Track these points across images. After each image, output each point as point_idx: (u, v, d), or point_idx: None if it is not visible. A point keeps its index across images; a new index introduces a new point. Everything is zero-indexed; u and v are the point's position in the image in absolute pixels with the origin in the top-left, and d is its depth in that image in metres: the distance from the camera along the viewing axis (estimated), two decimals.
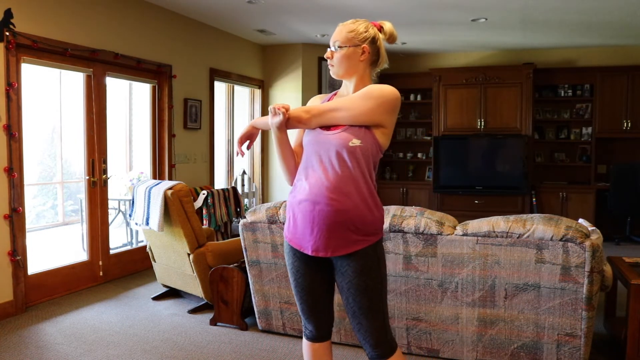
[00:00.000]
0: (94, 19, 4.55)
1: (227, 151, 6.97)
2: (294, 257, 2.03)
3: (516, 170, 7.11)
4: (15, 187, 3.86)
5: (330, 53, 2.00)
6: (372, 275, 1.93)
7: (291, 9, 5.43)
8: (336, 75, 2.03)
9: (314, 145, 1.97)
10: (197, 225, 3.88)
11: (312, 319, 2.07)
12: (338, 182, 1.89)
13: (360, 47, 1.96)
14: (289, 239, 2.03)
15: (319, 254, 1.93)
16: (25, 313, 3.91)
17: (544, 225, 2.72)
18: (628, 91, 6.85)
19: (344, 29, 1.98)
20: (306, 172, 1.98)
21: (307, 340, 2.12)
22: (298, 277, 2.03)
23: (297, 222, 1.97)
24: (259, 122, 2.10)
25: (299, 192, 1.98)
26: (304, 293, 2.04)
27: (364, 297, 1.92)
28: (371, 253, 1.94)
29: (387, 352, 1.96)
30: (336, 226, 1.89)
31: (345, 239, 1.90)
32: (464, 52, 7.79)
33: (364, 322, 1.94)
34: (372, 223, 1.93)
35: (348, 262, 1.92)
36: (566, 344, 2.76)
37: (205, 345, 3.32)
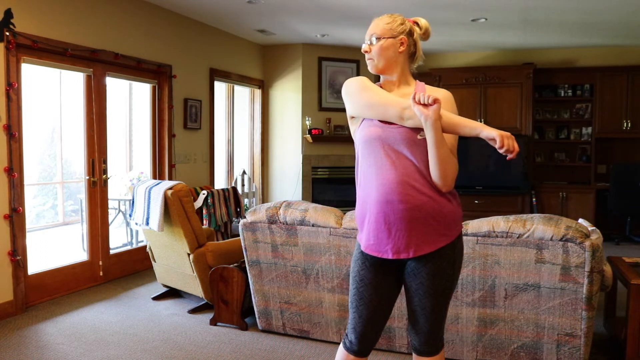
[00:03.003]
0: (94, 19, 4.55)
1: (227, 151, 6.98)
2: (362, 266, 1.93)
3: (516, 170, 7.11)
4: (15, 187, 3.86)
5: (367, 47, 1.93)
6: (444, 279, 1.86)
7: (291, 9, 5.43)
8: (376, 69, 1.94)
9: (378, 141, 1.85)
10: (197, 225, 3.88)
11: (360, 332, 1.94)
12: (408, 177, 1.80)
13: (398, 38, 1.91)
14: (364, 248, 1.91)
15: (401, 255, 1.83)
16: (25, 313, 3.91)
17: (544, 225, 2.72)
18: (628, 91, 6.85)
19: (380, 22, 1.93)
20: (369, 171, 1.87)
21: (344, 350, 1.99)
22: (361, 286, 1.92)
23: (371, 227, 1.87)
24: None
25: (367, 196, 1.88)
26: (362, 303, 1.92)
27: (430, 300, 1.86)
28: (449, 253, 1.86)
29: (432, 351, 1.94)
30: (415, 223, 1.80)
31: (426, 235, 1.82)
32: (464, 52, 7.79)
33: (422, 321, 1.90)
34: (451, 213, 1.86)
35: (424, 263, 1.85)
36: (566, 344, 2.76)
37: (205, 345, 3.32)
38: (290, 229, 3.20)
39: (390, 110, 1.81)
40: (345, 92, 1.95)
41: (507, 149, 1.65)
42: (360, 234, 1.96)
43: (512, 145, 1.65)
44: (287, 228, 3.21)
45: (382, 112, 1.83)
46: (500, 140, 1.65)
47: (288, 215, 3.21)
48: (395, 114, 1.80)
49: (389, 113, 1.82)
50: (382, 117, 1.84)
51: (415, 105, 1.73)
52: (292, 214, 3.20)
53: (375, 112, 1.85)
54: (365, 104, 1.87)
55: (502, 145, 1.65)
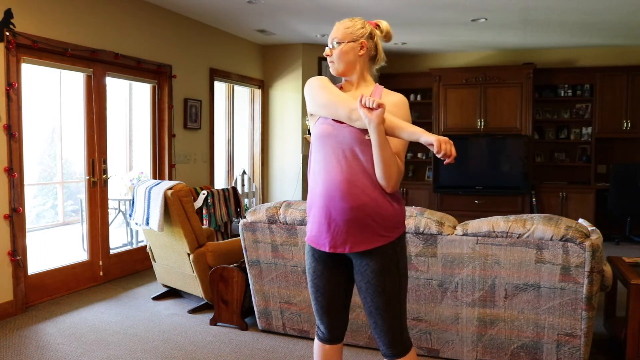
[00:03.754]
0: (94, 19, 4.55)
1: (227, 151, 6.98)
2: (312, 258, 2.02)
3: (516, 170, 7.11)
4: (15, 187, 3.86)
5: (329, 50, 2.01)
6: (390, 276, 1.92)
7: (291, 9, 5.43)
8: (337, 71, 2.02)
9: (328, 139, 1.92)
10: (197, 225, 3.88)
11: (325, 321, 2.06)
12: (353, 176, 1.87)
13: (358, 42, 1.98)
14: (307, 238, 2.02)
15: (337, 250, 1.91)
16: (25, 313, 3.91)
17: (544, 225, 2.72)
18: (628, 91, 6.85)
19: (341, 26, 2.00)
20: (319, 166, 1.94)
21: (318, 341, 2.11)
22: (314, 277, 2.02)
23: (315, 219, 1.95)
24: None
25: (315, 188, 1.96)
26: (319, 294, 2.03)
27: (382, 298, 1.91)
28: (391, 252, 1.92)
29: (401, 352, 1.97)
30: (354, 221, 1.87)
31: (364, 234, 1.88)
32: (464, 52, 7.79)
33: (379, 322, 1.94)
34: (392, 217, 1.91)
35: (367, 262, 1.91)
36: (566, 344, 2.76)
37: (205, 345, 3.32)
38: (290, 229, 3.21)
39: (340, 110, 1.88)
40: (306, 90, 2.03)
41: (445, 154, 1.71)
42: (307, 224, 2.04)
43: (449, 150, 1.71)
44: (287, 228, 3.21)
45: (333, 111, 1.91)
46: (437, 145, 1.71)
47: (288, 215, 3.21)
48: (344, 114, 1.88)
49: (339, 113, 1.89)
50: (334, 116, 1.92)
51: (361, 108, 1.79)
52: (292, 214, 3.20)
53: (328, 111, 1.93)
54: (320, 103, 1.96)
55: (439, 150, 1.71)
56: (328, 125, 1.93)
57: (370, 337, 3.17)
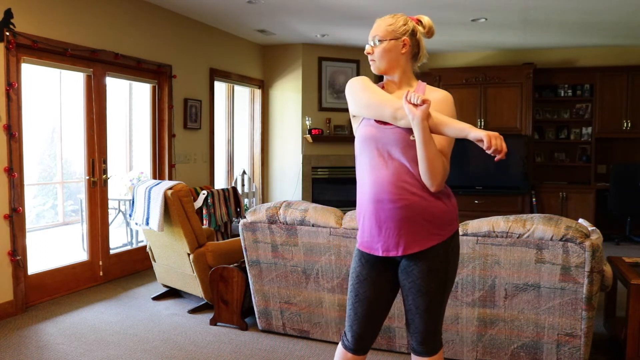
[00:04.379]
0: (94, 19, 4.55)
1: (227, 151, 6.98)
2: (358, 263, 1.97)
3: (516, 170, 7.11)
4: (15, 187, 3.86)
5: (370, 48, 1.95)
6: (437, 278, 1.88)
7: (291, 9, 5.43)
8: (378, 70, 1.96)
9: (372, 141, 1.88)
10: (197, 225, 3.88)
11: (354, 329, 1.97)
12: (400, 177, 1.83)
13: (400, 39, 1.93)
14: (359, 244, 1.96)
15: (390, 253, 1.87)
16: (25, 313, 3.91)
17: (544, 225, 2.72)
18: (628, 91, 6.85)
19: (382, 23, 1.95)
20: (365, 169, 1.90)
21: (342, 349, 2.01)
22: (356, 282, 1.96)
23: (365, 224, 1.91)
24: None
25: (363, 192, 1.91)
26: (357, 300, 1.95)
27: (424, 299, 1.88)
28: (441, 253, 1.87)
29: (430, 351, 1.94)
30: (405, 222, 1.83)
31: (416, 234, 1.84)
32: (464, 52, 7.79)
33: (416, 320, 1.91)
34: (444, 213, 1.87)
35: (415, 262, 1.87)
36: (566, 344, 2.76)
37: (205, 345, 3.32)
38: (290, 229, 3.20)
39: (385, 110, 1.84)
40: (348, 92, 1.98)
41: (496, 149, 1.65)
42: (358, 232, 2.00)
43: (500, 145, 1.66)
44: (287, 228, 3.21)
45: (378, 111, 1.86)
46: (487, 140, 1.66)
47: (288, 215, 3.21)
48: (389, 114, 1.83)
49: (383, 113, 1.84)
50: (378, 116, 1.87)
51: (406, 104, 1.75)
52: (292, 214, 3.20)
53: (372, 111, 1.88)
54: (364, 104, 1.90)
55: (489, 145, 1.65)
56: (371, 127, 1.89)
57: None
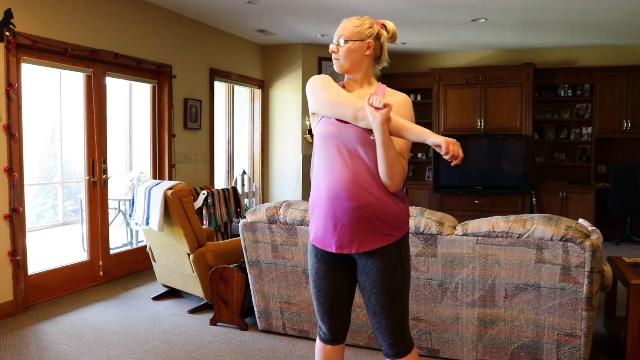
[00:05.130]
0: (94, 19, 4.55)
1: (227, 151, 6.98)
2: (315, 259, 2.01)
3: (516, 170, 7.11)
4: (15, 187, 3.86)
5: (335, 47, 1.99)
6: (395, 276, 1.92)
7: (291, 9, 5.43)
8: (341, 69, 2.00)
9: (332, 139, 1.91)
10: (197, 225, 3.88)
11: (327, 322, 2.05)
12: (358, 176, 1.87)
13: (365, 42, 1.97)
14: (312, 239, 2.00)
15: (344, 250, 1.90)
16: (25, 313, 3.91)
17: (544, 225, 2.72)
18: (628, 91, 6.84)
19: (349, 24, 1.99)
20: (323, 166, 1.93)
21: (320, 342, 2.10)
22: (317, 279, 2.01)
23: (320, 220, 1.94)
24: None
25: (319, 189, 1.94)
26: (321, 295, 2.02)
27: (386, 297, 1.91)
28: (395, 252, 1.92)
29: (403, 351, 1.97)
30: (360, 221, 1.87)
31: (370, 233, 1.88)
32: (464, 52, 7.79)
33: (383, 322, 1.94)
34: (397, 215, 1.91)
35: (372, 261, 1.90)
36: (566, 344, 2.76)
37: (205, 345, 3.32)
38: (290, 229, 3.20)
39: (345, 110, 1.88)
40: (308, 89, 2.01)
41: (452, 155, 1.73)
42: (310, 225, 2.03)
43: (457, 151, 1.74)
44: (287, 228, 3.21)
45: (338, 111, 1.90)
46: (445, 146, 1.73)
47: (288, 215, 3.21)
48: (350, 114, 1.87)
49: (344, 112, 1.88)
50: (338, 115, 1.91)
51: (368, 107, 1.79)
52: (292, 214, 3.20)
53: (332, 110, 1.92)
54: (324, 102, 1.94)
55: (447, 151, 1.73)
56: (332, 125, 1.92)
57: (370, 337, 3.17)
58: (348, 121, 1.89)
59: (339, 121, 1.92)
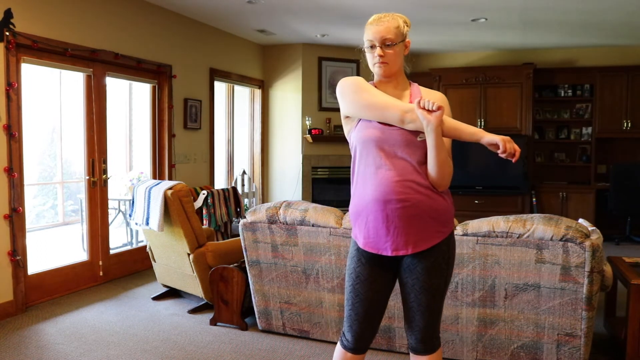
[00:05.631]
0: (94, 19, 4.55)
1: (227, 151, 6.98)
2: (357, 263, 1.97)
3: (516, 170, 7.10)
4: (15, 187, 3.86)
5: (382, 51, 1.91)
6: (439, 274, 1.91)
7: (291, 9, 5.43)
8: (390, 73, 1.96)
9: (377, 142, 1.88)
10: (197, 225, 3.88)
11: (355, 329, 1.98)
12: (406, 176, 1.85)
13: (405, 41, 1.97)
14: (363, 245, 1.94)
15: (399, 252, 1.88)
16: (25, 313, 3.91)
17: (544, 225, 2.72)
18: (628, 91, 6.84)
19: (390, 25, 1.92)
20: (368, 170, 1.90)
21: (341, 349, 2.02)
22: (356, 282, 1.96)
23: (369, 225, 1.90)
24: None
25: (365, 194, 1.91)
26: (357, 300, 1.96)
27: (427, 296, 1.90)
28: (444, 249, 1.91)
29: (429, 349, 1.97)
30: (413, 220, 1.85)
31: (423, 232, 1.87)
32: (464, 52, 7.79)
33: (417, 318, 1.93)
34: (446, 211, 1.91)
35: (419, 259, 1.89)
36: (566, 344, 2.76)
37: (205, 345, 3.32)
38: (290, 229, 3.20)
39: (390, 113, 1.84)
40: (340, 92, 1.96)
41: (510, 153, 1.72)
42: (354, 231, 1.99)
43: (513, 148, 1.73)
44: (287, 228, 3.21)
45: (380, 114, 1.87)
46: (502, 145, 1.73)
47: (288, 215, 3.21)
48: (396, 117, 1.84)
49: (388, 115, 1.85)
50: (381, 118, 1.87)
51: (419, 110, 1.77)
52: (292, 214, 3.20)
53: (373, 113, 1.88)
54: (363, 105, 1.90)
55: (504, 150, 1.72)
56: (375, 129, 1.89)
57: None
58: (392, 124, 1.86)
59: (381, 124, 1.88)
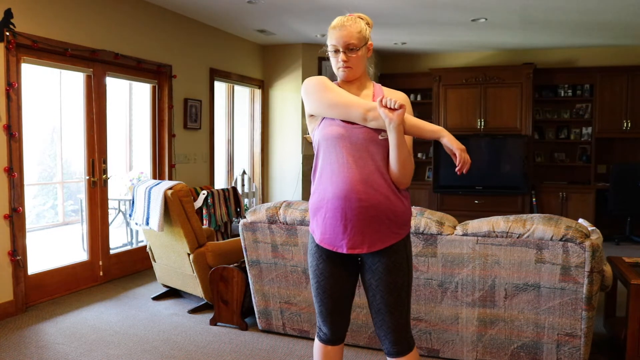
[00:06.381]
0: (94, 19, 4.55)
1: (227, 151, 6.98)
2: (319, 259, 2.00)
3: (516, 170, 7.11)
4: (15, 187, 3.86)
5: (345, 56, 1.92)
6: (401, 273, 1.93)
7: (291, 9, 5.43)
8: (353, 77, 1.97)
9: (340, 140, 1.89)
10: (197, 225, 3.88)
11: (329, 322, 2.04)
12: (368, 176, 1.87)
13: (367, 44, 1.97)
14: (319, 241, 1.97)
15: (355, 250, 1.90)
16: (25, 313, 3.91)
17: (544, 225, 2.72)
18: (628, 91, 6.85)
19: (352, 30, 1.92)
20: (330, 167, 1.91)
21: (320, 342, 2.09)
22: (321, 279, 2.00)
23: (327, 222, 1.92)
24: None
25: (325, 191, 1.92)
26: (325, 296, 2.01)
27: (392, 294, 1.92)
28: (402, 249, 1.94)
29: (405, 349, 1.97)
30: (371, 221, 1.87)
31: (380, 232, 1.89)
32: (464, 52, 7.79)
33: (387, 319, 1.94)
34: (403, 213, 1.94)
35: (379, 259, 1.91)
36: (566, 344, 2.76)
37: (205, 345, 3.32)
38: (290, 229, 3.21)
39: (353, 111, 1.87)
40: (305, 91, 1.99)
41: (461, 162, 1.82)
42: (312, 226, 2.01)
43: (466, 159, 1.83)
44: (287, 228, 3.21)
45: (344, 112, 1.89)
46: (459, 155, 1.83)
47: (288, 215, 3.21)
48: (358, 115, 1.87)
49: (351, 114, 1.88)
50: (345, 117, 1.90)
51: (381, 108, 1.79)
52: (292, 214, 3.20)
53: (337, 112, 1.91)
54: (327, 104, 1.92)
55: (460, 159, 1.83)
56: (338, 127, 1.90)
57: (370, 337, 3.17)
58: (355, 122, 1.88)
59: (345, 122, 1.90)
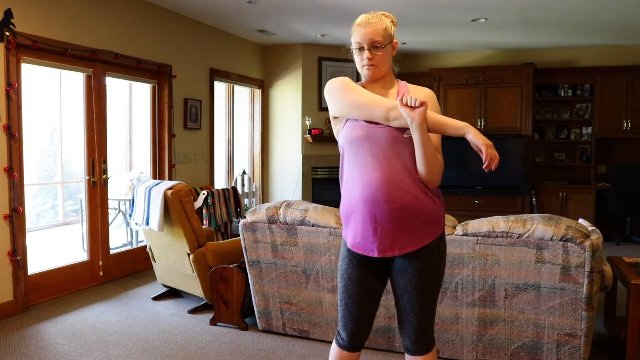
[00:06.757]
0: (94, 19, 4.55)
1: (227, 151, 6.98)
2: (349, 264, 1.96)
3: (516, 170, 7.11)
4: (15, 187, 3.86)
5: (370, 54, 1.89)
6: (431, 276, 1.90)
7: (291, 9, 5.43)
8: (379, 75, 1.94)
9: (364, 141, 1.86)
10: (197, 225, 3.88)
11: (349, 328, 1.98)
12: (395, 176, 1.83)
13: (393, 42, 1.94)
14: (350, 245, 1.94)
15: (387, 254, 1.87)
16: (25, 313, 3.91)
17: (544, 225, 2.72)
18: (628, 91, 6.85)
19: (377, 27, 1.88)
20: (356, 170, 1.88)
21: (337, 347, 2.03)
22: (348, 283, 1.96)
23: (358, 225, 1.89)
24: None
25: (353, 194, 1.89)
26: (350, 301, 1.96)
27: (419, 297, 1.89)
28: (434, 250, 1.90)
29: (423, 349, 1.95)
30: (401, 222, 1.83)
31: (411, 234, 1.85)
32: (464, 52, 7.79)
33: (411, 319, 1.92)
34: (436, 212, 1.89)
35: (410, 261, 1.87)
36: (566, 344, 2.76)
37: (205, 345, 3.32)
38: (290, 229, 3.21)
39: (375, 111, 1.83)
40: (328, 93, 1.96)
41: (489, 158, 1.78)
42: (345, 232, 1.98)
43: (494, 155, 1.78)
44: (287, 228, 3.21)
45: (366, 112, 1.86)
46: (485, 150, 1.79)
47: (288, 215, 3.21)
48: (380, 115, 1.83)
49: (374, 114, 1.84)
50: (367, 117, 1.86)
51: (402, 107, 1.76)
52: (292, 214, 3.20)
53: (359, 112, 1.87)
54: (350, 105, 1.89)
55: (486, 155, 1.78)
56: (361, 128, 1.87)
57: (370, 338, 3.17)
58: (378, 122, 1.85)
59: (369, 123, 1.87)
